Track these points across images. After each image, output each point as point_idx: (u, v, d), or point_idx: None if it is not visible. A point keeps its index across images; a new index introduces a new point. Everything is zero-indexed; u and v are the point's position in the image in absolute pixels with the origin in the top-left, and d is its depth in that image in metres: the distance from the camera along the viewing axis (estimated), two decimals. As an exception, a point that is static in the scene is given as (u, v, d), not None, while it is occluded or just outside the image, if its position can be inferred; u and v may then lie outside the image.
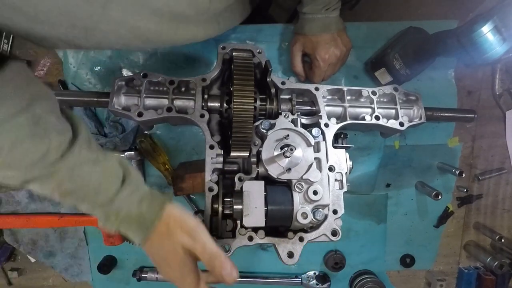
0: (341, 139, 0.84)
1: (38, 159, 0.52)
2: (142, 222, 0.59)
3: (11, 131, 0.49)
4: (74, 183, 0.56)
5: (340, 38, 0.91)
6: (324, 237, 0.73)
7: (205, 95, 0.81)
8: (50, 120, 0.54)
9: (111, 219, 0.59)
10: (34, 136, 0.51)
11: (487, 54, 0.73)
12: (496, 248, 1.09)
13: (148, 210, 0.59)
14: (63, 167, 0.54)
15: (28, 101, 0.50)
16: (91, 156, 0.58)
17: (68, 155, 0.55)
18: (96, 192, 0.57)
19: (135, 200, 0.59)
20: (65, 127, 0.56)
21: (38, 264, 1.05)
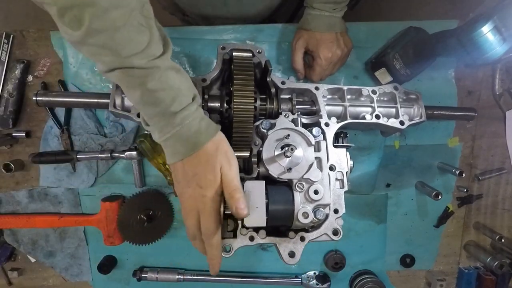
0: (342, 138, 0.84)
1: (141, 49, 0.55)
2: (196, 137, 0.63)
3: (124, 14, 0.51)
4: (159, 84, 0.58)
5: (342, 38, 0.92)
6: (325, 237, 0.73)
7: (205, 95, 0.81)
8: (150, 9, 0.57)
9: (169, 128, 0.61)
10: (140, 25, 0.54)
11: (487, 54, 0.73)
12: (496, 248, 1.09)
13: (206, 128, 0.64)
14: (160, 65, 0.58)
15: None
16: (176, 65, 0.63)
17: (164, 55, 0.59)
18: (173, 98, 0.60)
19: (198, 116, 0.63)
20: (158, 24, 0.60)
21: (38, 264, 1.05)
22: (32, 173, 1.01)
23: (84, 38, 0.50)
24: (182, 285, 1.03)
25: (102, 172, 1.00)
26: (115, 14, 0.50)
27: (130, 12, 0.51)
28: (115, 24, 0.50)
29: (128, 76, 0.57)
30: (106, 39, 0.51)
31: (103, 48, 0.53)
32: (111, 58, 0.55)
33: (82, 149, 0.99)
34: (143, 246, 0.97)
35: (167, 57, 0.60)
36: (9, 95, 0.97)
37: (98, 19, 0.49)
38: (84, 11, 0.47)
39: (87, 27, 0.49)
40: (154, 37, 0.56)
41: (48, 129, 1.00)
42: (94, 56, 0.55)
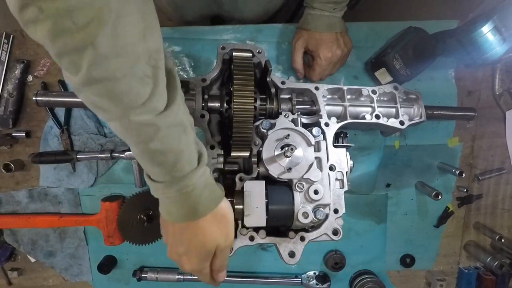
0: (342, 138, 0.84)
1: (142, 102, 0.48)
2: (193, 207, 0.59)
3: (126, 64, 0.45)
4: (160, 145, 0.53)
5: (342, 38, 0.92)
6: (325, 237, 0.73)
7: (205, 95, 0.81)
8: (160, 57, 0.50)
9: (170, 191, 0.57)
10: (145, 77, 0.48)
11: (487, 54, 0.73)
12: (496, 248, 1.09)
13: (208, 198, 0.60)
14: (161, 123, 0.51)
15: (146, 27, 0.46)
16: (184, 121, 0.56)
17: (168, 111, 0.52)
18: (174, 163, 0.55)
19: (202, 184, 0.59)
20: (165, 75, 0.53)
21: (38, 264, 1.05)
22: (32, 173, 1.01)
23: (82, 84, 0.45)
24: (182, 285, 1.03)
25: (102, 172, 1.00)
26: (116, 63, 0.44)
27: (134, 62, 0.46)
28: (116, 74, 0.45)
29: (126, 130, 0.52)
30: (105, 88, 0.46)
31: (102, 97, 0.47)
32: (110, 109, 0.49)
33: (82, 149, 0.99)
34: (143, 246, 0.97)
35: (172, 111, 0.53)
36: (9, 95, 0.97)
37: (97, 67, 0.43)
38: (82, 57, 0.42)
39: (84, 74, 0.43)
40: (158, 89, 0.49)
41: (48, 129, 1.00)
42: (93, 104, 0.49)
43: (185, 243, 0.62)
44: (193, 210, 0.59)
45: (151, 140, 0.52)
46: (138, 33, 0.45)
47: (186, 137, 0.56)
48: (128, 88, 0.46)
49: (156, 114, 0.51)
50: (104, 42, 0.41)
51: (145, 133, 0.51)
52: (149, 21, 0.47)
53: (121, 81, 0.45)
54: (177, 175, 0.56)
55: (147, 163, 0.57)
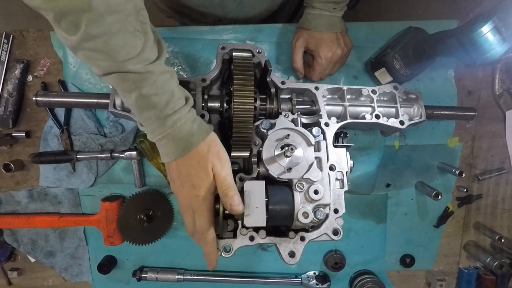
0: (342, 138, 0.84)
1: (136, 54, 0.55)
2: (188, 139, 0.64)
3: (120, 19, 0.51)
4: (154, 89, 0.59)
5: (342, 38, 0.92)
6: (325, 237, 0.73)
7: (205, 95, 0.81)
8: (146, 15, 0.58)
9: (165, 128, 0.63)
10: (135, 31, 0.55)
11: (487, 54, 0.73)
12: (496, 248, 1.09)
13: (198, 130, 0.65)
14: (154, 70, 0.59)
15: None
16: (170, 69, 0.64)
17: (158, 60, 0.60)
18: (167, 102, 0.61)
19: (190, 118, 0.65)
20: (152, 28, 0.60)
21: (38, 264, 1.05)
22: (32, 173, 1.01)
23: (81, 42, 0.51)
24: (182, 285, 1.03)
25: (102, 172, 1.00)
26: (111, 20, 0.50)
27: (126, 18, 0.52)
28: (111, 29, 0.51)
29: (123, 80, 0.58)
30: (102, 43, 0.52)
31: (99, 52, 0.53)
32: (107, 63, 0.55)
33: (82, 149, 0.99)
34: (143, 246, 0.97)
35: (161, 62, 0.61)
36: (9, 95, 0.97)
37: (94, 24, 0.49)
38: (80, 17, 0.48)
39: (83, 32, 0.49)
40: (148, 42, 0.57)
41: (48, 129, 0.99)
42: (90, 60, 0.56)
43: (185, 172, 0.65)
44: (187, 141, 0.64)
45: (146, 85, 0.59)
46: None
47: (174, 81, 0.64)
48: (123, 42, 0.53)
49: (150, 63, 0.58)
50: (99, 1, 0.48)
51: (141, 79, 0.58)
52: None
53: (116, 35, 0.52)
54: (169, 112, 0.62)
55: (142, 108, 0.62)
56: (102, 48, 0.53)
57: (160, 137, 0.64)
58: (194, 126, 0.65)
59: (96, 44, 0.52)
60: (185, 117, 0.64)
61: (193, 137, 0.64)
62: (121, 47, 0.54)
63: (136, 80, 0.58)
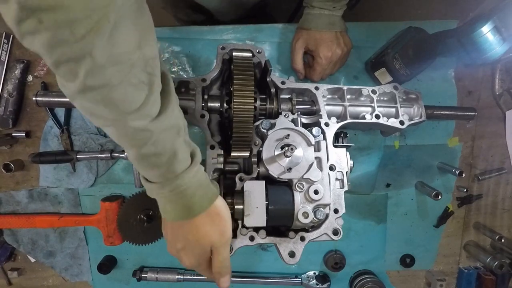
0: (342, 138, 0.84)
1: (137, 107, 0.50)
2: (190, 206, 0.60)
3: (122, 71, 0.47)
4: (153, 148, 0.55)
5: (342, 38, 0.92)
6: (325, 236, 0.73)
7: (205, 95, 0.81)
8: (157, 64, 0.52)
9: (164, 192, 0.59)
10: (140, 83, 0.50)
11: (487, 54, 0.73)
12: (496, 248, 1.09)
13: (201, 197, 0.61)
14: (155, 128, 0.54)
15: (141, 36, 0.48)
16: (178, 124, 0.58)
17: (161, 116, 0.54)
18: (168, 164, 0.57)
19: (195, 183, 0.60)
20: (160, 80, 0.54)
21: (38, 264, 1.05)
22: (32, 173, 1.01)
23: (77, 92, 0.47)
24: (182, 285, 1.03)
25: (102, 172, 1.00)
26: (112, 71, 0.46)
27: (130, 69, 0.47)
28: (112, 81, 0.46)
29: (120, 136, 0.54)
30: (101, 95, 0.47)
31: (97, 104, 0.49)
32: (105, 115, 0.50)
33: (82, 149, 0.99)
34: (143, 246, 0.97)
35: (166, 116, 0.55)
36: (9, 95, 0.97)
37: (94, 75, 0.45)
38: (80, 66, 0.44)
39: (81, 82, 0.45)
40: (152, 95, 0.52)
41: (48, 129, 1.00)
42: (88, 111, 0.51)
43: (182, 240, 0.64)
44: (188, 209, 0.60)
45: (145, 144, 0.54)
46: (134, 43, 0.47)
47: (179, 139, 0.59)
48: (123, 95, 0.48)
49: (151, 120, 0.53)
50: (101, 52, 0.43)
51: (139, 138, 0.53)
52: (145, 30, 0.49)
53: (116, 88, 0.47)
54: (171, 176, 0.58)
55: (141, 166, 0.58)
56: (101, 100, 0.48)
57: (158, 197, 0.61)
58: (197, 193, 0.60)
59: (95, 95, 0.47)
60: (188, 183, 0.59)
61: (194, 206, 0.60)
62: (121, 101, 0.49)
63: (135, 138, 0.54)
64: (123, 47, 0.45)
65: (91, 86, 0.46)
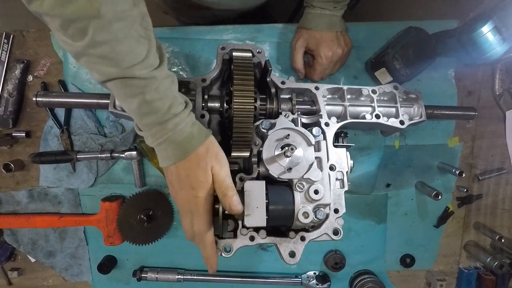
0: (342, 138, 0.84)
1: (141, 60, 0.56)
2: (188, 142, 0.64)
3: (126, 26, 0.52)
4: (157, 94, 0.59)
5: (342, 38, 0.92)
6: (326, 236, 0.73)
7: (205, 96, 0.81)
8: (149, 21, 0.58)
9: (166, 131, 0.62)
10: (140, 37, 0.55)
11: (487, 54, 0.73)
12: (496, 248, 1.09)
13: (197, 133, 0.65)
14: (158, 75, 0.59)
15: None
16: (171, 73, 0.64)
17: (161, 66, 0.60)
18: (169, 107, 0.61)
19: (190, 122, 0.65)
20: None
21: (38, 264, 1.05)
22: (32, 173, 1.01)
23: (86, 48, 0.51)
24: (182, 285, 1.03)
25: (102, 172, 1.00)
26: (117, 26, 0.51)
27: (132, 24, 0.53)
28: (117, 36, 0.51)
29: (126, 86, 0.58)
30: (108, 50, 0.52)
31: (104, 58, 0.53)
32: (111, 69, 0.55)
33: (82, 149, 0.99)
34: (143, 246, 0.97)
35: (164, 67, 0.61)
36: (9, 95, 0.97)
37: (102, 31, 0.50)
38: (89, 23, 0.48)
39: (90, 39, 0.50)
40: (152, 48, 0.58)
41: (48, 129, 0.99)
42: (93, 65, 0.55)
43: (185, 176, 0.65)
44: (187, 145, 0.64)
45: (150, 90, 0.59)
46: (130, 0, 0.53)
47: (175, 85, 0.65)
48: (128, 48, 0.54)
49: (153, 69, 0.59)
50: (107, 8, 0.48)
51: (144, 84, 0.58)
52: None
53: (122, 42, 0.53)
54: (170, 116, 0.62)
55: (143, 113, 0.62)
56: (108, 54, 0.53)
57: (160, 141, 0.63)
58: (193, 129, 0.65)
59: (102, 50, 0.52)
60: (185, 121, 0.64)
61: (193, 140, 0.64)
62: (126, 54, 0.54)
63: (140, 86, 0.58)
64: (122, 4, 0.51)
65: (99, 42, 0.50)
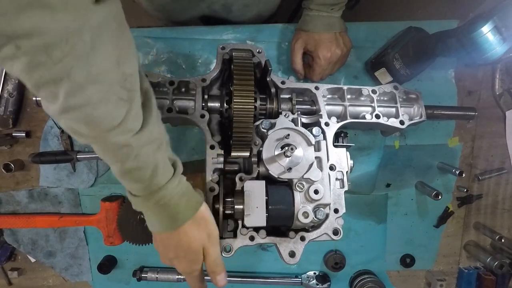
0: (342, 138, 0.84)
1: (118, 123, 0.51)
2: (175, 215, 0.61)
3: (101, 89, 0.47)
4: (136, 163, 0.56)
5: (341, 38, 0.92)
6: (326, 236, 0.73)
7: (205, 95, 0.81)
8: (136, 80, 0.53)
9: (150, 202, 0.60)
10: (119, 100, 0.50)
11: (487, 54, 0.73)
12: (496, 248, 1.09)
13: (186, 206, 0.62)
14: (136, 143, 0.54)
15: (120, 54, 0.48)
16: (159, 138, 0.59)
17: (143, 131, 0.55)
18: (150, 177, 0.58)
19: (178, 193, 0.61)
20: (140, 94, 0.55)
21: (38, 264, 1.05)
22: (32, 173, 1.01)
23: (60, 112, 0.47)
24: (182, 285, 1.03)
25: (102, 172, 1.00)
26: (91, 90, 0.46)
27: (109, 87, 0.48)
28: (92, 100, 0.46)
29: (104, 151, 0.55)
30: (82, 114, 0.48)
31: (80, 122, 0.49)
32: (88, 133, 0.51)
33: (82, 149, 0.99)
34: (143, 246, 0.97)
35: (147, 130, 0.56)
36: (9, 95, 0.97)
37: (74, 96, 0.45)
38: (58, 88, 0.44)
39: (61, 103, 0.45)
40: (132, 110, 0.52)
41: (48, 129, 1.00)
42: (72, 129, 0.51)
43: (173, 250, 0.65)
44: (173, 219, 0.62)
45: (127, 159, 0.55)
46: (112, 61, 0.47)
47: (160, 152, 0.59)
48: (104, 112, 0.48)
49: (132, 134, 0.53)
50: (79, 72, 0.43)
51: (121, 153, 0.54)
52: (123, 48, 0.49)
53: (97, 106, 0.47)
54: (154, 188, 0.59)
55: (125, 180, 0.59)
56: (82, 118, 0.48)
57: (145, 209, 0.62)
58: (181, 203, 0.62)
59: (76, 114, 0.47)
60: (171, 193, 0.60)
61: (179, 216, 0.62)
62: (102, 118, 0.49)
63: (117, 153, 0.54)
64: (101, 66, 0.45)
65: (71, 106, 0.46)
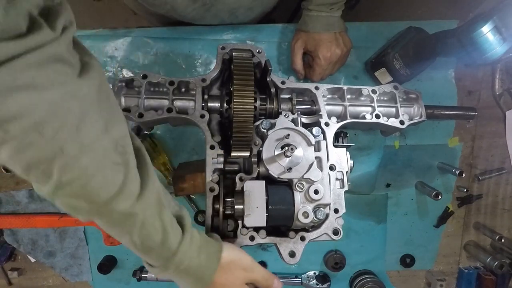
0: (342, 138, 0.84)
1: (117, 190, 0.47)
2: (201, 275, 0.59)
3: (96, 158, 0.45)
4: (144, 231, 0.53)
5: (341, 38, 0.92)
6: (326, 236, 0.73)
7: (205, 96, 0.81)
8: (127, 142, 0.51)
9: (170, 270, 0.57)
10: (115, 165, 0.47)
11: (487, 54, 0.73)
12: (496, 248, 1.09)
13: (207, 261, 0.60)
14: (140, 210, 0.51)
15: (108, 120, 0.47)
16: (159, 196, 0.56)
17: (144, 193, 0.52)
18: (163, 241, 0.55)
19: (194, 251, 0.58)
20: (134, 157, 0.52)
21: (38, 264, 1.05)
22: (32, 173, 1.01)
23: (55, 191, 0.45)
24: (182, 285, 1.03)
25: (102, 172, 1.00)
26: (86, 160, 0.44)
27: (104, 153, 0.46)
28: (87, 170, 0.44)
29: (109, 225, 0.52)
30: (79, 187, 0.45)
31: (78, 197, 0.46)
32: (88, 207, 0.47)
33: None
34: (143, 246, 0.97)
35: (148, 190, 0.52)
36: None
37: (69, 169, 0.43)
38: (52, 165, 0.42)
39: (56, 180, 0.43)
40: (129, 173, 0.49)
41: (48, 129, 0.99)
42: (70, 207, 0.48)
43: None
44: (200, 279, 0.59)
45: (134, 228, 0.52)
46: (101, 129, 0.45)
47: (165, 212, 0.56)
48: (101, 180, 0.46)
49: (135, 198, 0.50)
50: (72, 145, 0.42)
51: (128, 224, 0.51)
52: (109, 113, 0.48)
53: (93, 176, 0.45)
54: (169, 254, 0.56)
55: (139, 252, 0.56)
56: (80, 192, 0.45)
57: (171, 276, 0.59)
58: (201, 260, 0.59)
59: (73, 189, 0.45)
60: (188, 255, 0.57)
61: (205, 273, 0.59)
62: (100, 187, 0.46)
63: (124, 225, 0.51)
64: (92, 135, 0.44)
65: (68, 181, 0.44)
